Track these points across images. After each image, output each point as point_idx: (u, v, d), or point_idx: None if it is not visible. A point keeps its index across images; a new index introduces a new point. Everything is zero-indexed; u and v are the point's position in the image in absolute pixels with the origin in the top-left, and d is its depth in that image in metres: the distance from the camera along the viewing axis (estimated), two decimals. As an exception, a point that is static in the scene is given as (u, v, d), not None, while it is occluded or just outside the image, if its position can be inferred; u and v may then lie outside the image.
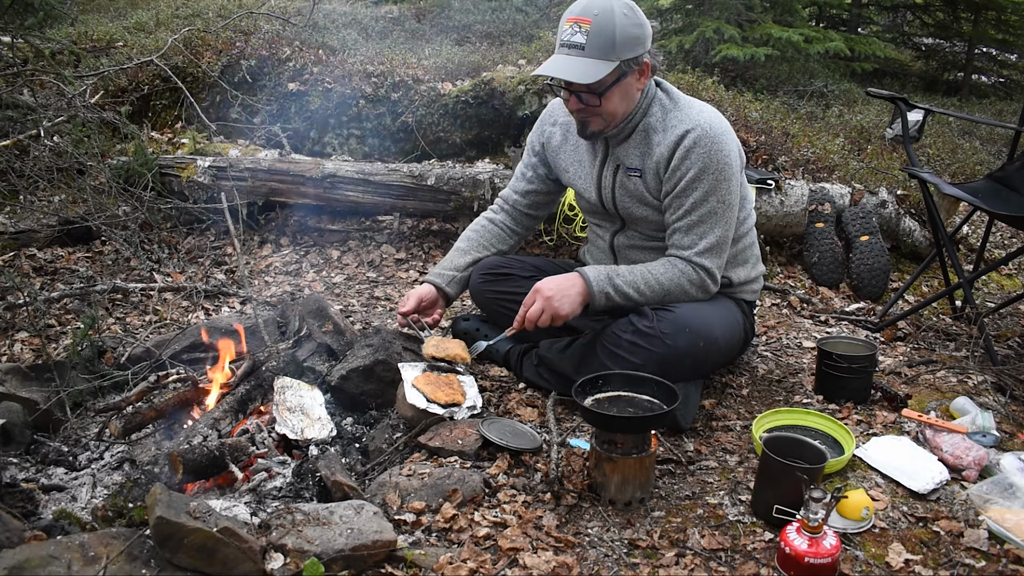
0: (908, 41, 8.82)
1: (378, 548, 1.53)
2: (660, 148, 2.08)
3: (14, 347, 2.62)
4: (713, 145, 2.02)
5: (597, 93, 1.99)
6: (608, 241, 2.33)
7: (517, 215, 2.48)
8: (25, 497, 1.77)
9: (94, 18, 5.72)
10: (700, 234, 2.08)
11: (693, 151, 2.02)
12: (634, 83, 2.04)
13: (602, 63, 1.94)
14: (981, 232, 3.62)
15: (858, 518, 1.70)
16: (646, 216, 2.18)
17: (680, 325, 2.03)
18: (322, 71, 4.26)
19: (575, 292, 2.07)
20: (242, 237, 3.46)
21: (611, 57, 1.95)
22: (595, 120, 2.08)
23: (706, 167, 2.02)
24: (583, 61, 1.95)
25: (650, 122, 2.11)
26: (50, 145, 3.49)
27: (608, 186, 2.20)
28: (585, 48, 1.94)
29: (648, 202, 2.15)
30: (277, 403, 2.06)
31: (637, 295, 2.09)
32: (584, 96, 2.02)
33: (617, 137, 2.14)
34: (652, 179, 2.12)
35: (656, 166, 2.09)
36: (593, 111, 2.05)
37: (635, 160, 2.13)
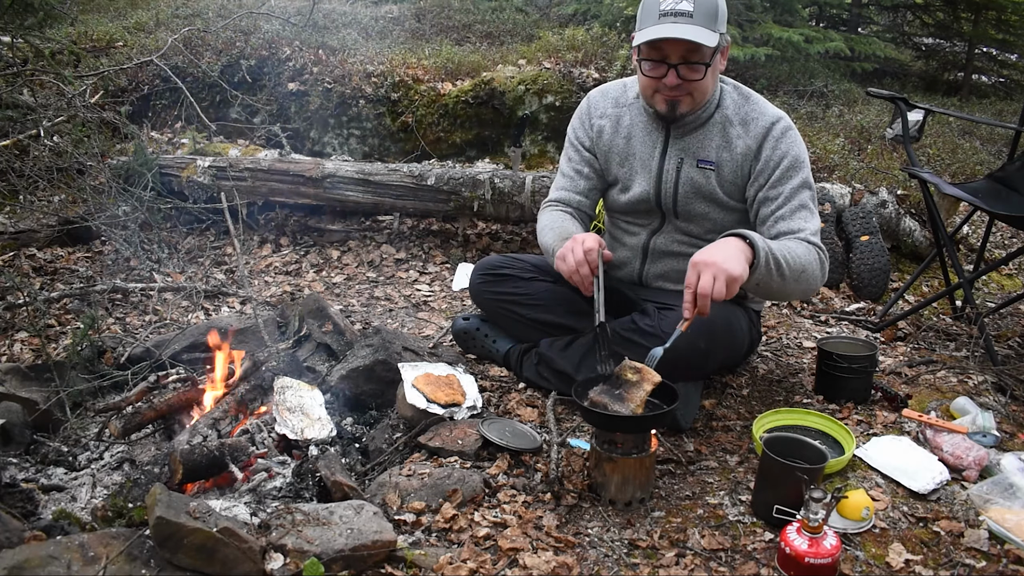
0: (908, 41, 8.82)
1: (378, 548, 1.53)
2: (742, 141, 2.04)
3: (14, 347, 2.62)
4: (796, 135, 2.04)
5: (705, 64, 1.92)
6: (644, 241, 2.23)
7: (582, 216, 2.30)
8: (25, 497, 1.77)
9: (94, 18, 5.72)
10: (805, 218, 2.01)
11: (783, 141, 2.01)
12: (719, 62, 2.00)
13: (710, 32, 1.88)
14: (981, 232, 3.62)
15: (858, 518, 1.70)
16: (706, 213, 2.10)
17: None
18: (322, 71, 4.26)
19: (738, 251, 1.78)
20: (242, 237, 3.46)
21: (714, 27, 1.90)
22: (686, 100, 2.00)
23: (799, 155, 2.02)
24: (696, 28, 1.86)
25: (727, 114, 2.06)
26: (50, 145, 3.49)
27: (671, 179, 2.11)
28: (693, 15, 1.86)
29: (716, 197, 2.08)
30: (277, 403, 2.06)
31: (785, 266, 1.86)
32: (685, 70, 1.93)
33: (688, 126, 2.08)
34: (730, 172, 2.06)
35: (741, 159, 2.05)
36: (689, 88, 1.96)
37: (710, 152, 2.07)
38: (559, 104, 3.98)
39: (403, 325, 2.85)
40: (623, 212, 2.29)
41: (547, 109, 3.96)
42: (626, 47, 4.50)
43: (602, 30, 5.08)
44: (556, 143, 4.06)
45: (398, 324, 2.86)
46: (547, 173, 3.47)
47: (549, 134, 4.05)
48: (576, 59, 4.24)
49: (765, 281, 1.87)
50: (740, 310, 2.22)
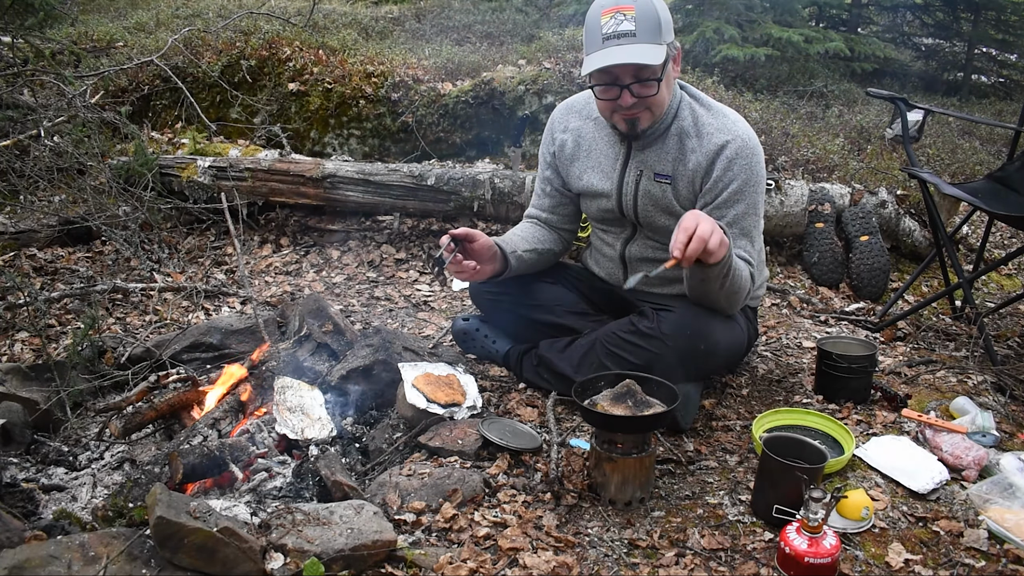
0: (908, 41, 8.82)
1: (378, 548, 1.53)
2: (696, 155, 2.01)
3: (14, 347, 2.62)
4: (752, 158, 1.98)
5: (657, 79, 1.91)
6: (619, 251, 2.26)
7: (555, 229, 2.37)
8: (25, 497, 1.77)
9: (94, 18, 5.72)
10: (743, 247, 2.02)
11: (735, 163, 1.97)
12: (672, 71, 1.98)
13: (656, 47, 1.86)
14: (981, 232, 3.62)
15: (858, 518, 1.70)
16: (666, 224, 2.08)
17: (681, 327, 2.02)
18: (322, 71, 4.26)
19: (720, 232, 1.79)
20: (242, 237, 3.46)
21: (659, 40, 1.87)
22: (645, 115, 1.98)
23: (747, 180, 1.98)
24: (640, 47, 1.84)
25: (683, 126, 2.04)
26: (50, 145, 3.49)
27: (630, 192, 2.11)
28: (636, 34, 1.84)
29: (673, 210, 2.07)
30: (277, 403, 2.06)
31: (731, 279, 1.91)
32: (638, 88, 1.91)
33: (648, 138, 2.06)
34: (684, 187, 2.05)
35: (692, 174, 2.03)
36: (646, 103, 1.95)
37: (666, 166, 2.05)
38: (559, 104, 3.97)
39: (403, 325, 2.85)
40: (597, 221, 2.31)
41: (547, 109, 3.96)
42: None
43: (602, 30, 5.06)
44: (556, 143, 4.06)
45: (398, 324, 2.86)
46: (547, 173, 3.46)
47: (549, 134, 4.05)
48: (576, 59, 4.23)
49: (711, 278, 1.90)
50: (744, 316, 2.22)
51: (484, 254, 2.11)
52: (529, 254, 2.27)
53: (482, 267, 2.11)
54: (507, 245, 2.21)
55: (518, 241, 2.27)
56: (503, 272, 2.22)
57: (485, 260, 2.13)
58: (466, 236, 2.06)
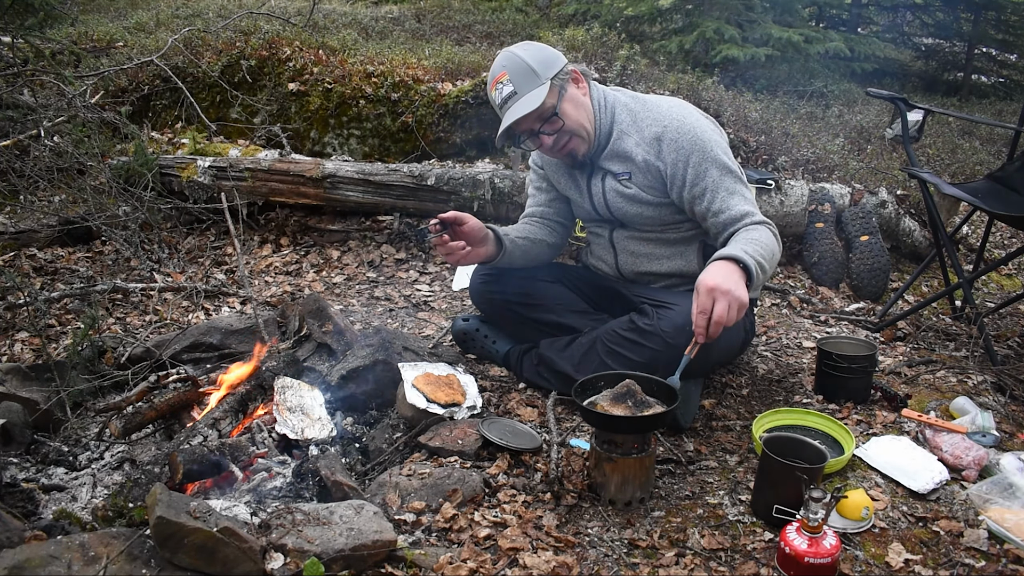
0: (908, 41, 8.82)
1: (378, 548, 1.53)
2: (639, 149, 2.11)
3: (14, 347, 2.62)
4: (693, 129, 2.07)
5: (553, 115, 2.06)
6: (608, 238, 2.33)
7: (550, 224, 2.43)
8: (25, 497, 1.77)
9: (94, 18, 5.72)
10: (738, 201, 2.05)
11: (678, 143, 2.06)
12: (576, 91, 2.10)
13: (536, 90, 2.02)
14: (981, 232, 3.62)
15: (858, 518, 1.70)
16: (641, 213, 2.19)
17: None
18: (322, 71, 4.26)
19: (737, 277, 1.81)
20: (242, 237, 3.46)
21: (538, 82, 2.03)
22: (573, 142, 2.11)
23: (699, 148, 2.05)
24: (523, 100, 2.02)
25: (621, 127, 2.15)
26: (50, 145, 3.49)
27: (599, 193, 2.22)
28: (517, 91, 2.03)
29: (642, 199, 2.16)
30: (277, 403, 2.06)
31: (767, 263, 1.93)
32: (546, 128, 2.07)
33: (599, 151, 2.18)
34: (642, 178, 2.14)
35: (644, 166, 2.11)
36: (564, 136, 2.09)
37: (619, 165, 2.16)
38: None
39: (403, 325, 2.85)
40: (584, 220, 2.42)
41: (547, 109, 3.96)
42: (626, 47, 4.51)
43: (602, 30, 5.08)
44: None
45: (398, 324, 2.86)
46: (547, 173, 3.47)
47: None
48: (576, 59, 4.24)
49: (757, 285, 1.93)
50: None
51: (475, 236, 2.17)
52: (523, 240, 2.34)
53: (473, 249, 2.17)
54: (500, 229, 2.28)
55: (510, 229, 2.35)
56: (497, 255, 2.26)
57: (476, 242, 2.18)
58: (455, 219, 2.13)
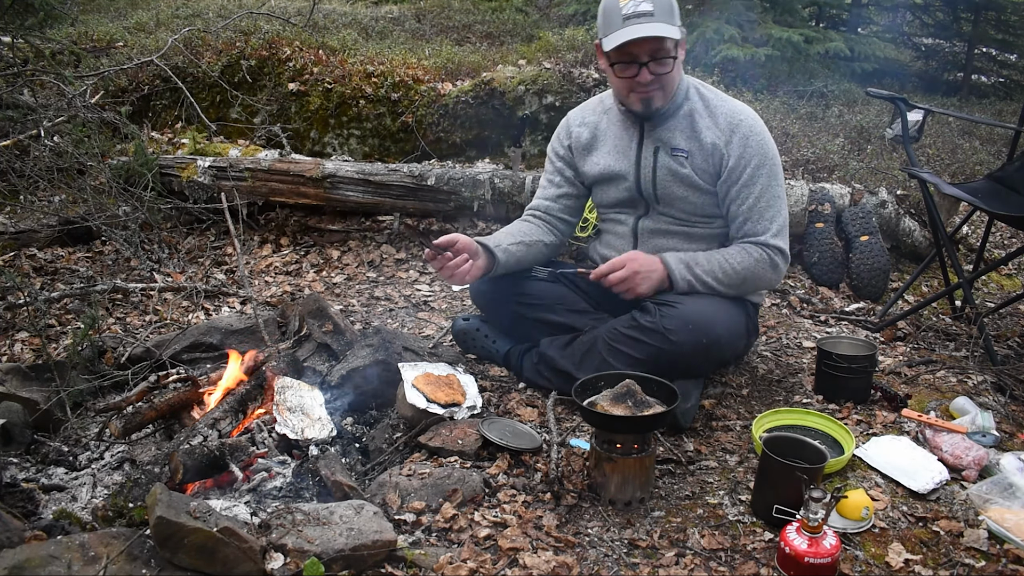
0: (908, 41, 8.82)
1: (378, 548, 1.53)
2: (710, 132, 2.15)
3: (14, 347, 2.62)
4: (764, 136, 2.16)
5: (672, 58, 2.06)
6: (632, 225, 2.32)
7: (552, 221, 2.43)
8: (25, 497, 1.77)
9: (94, 18, 5.72)
10: (770, 218, 2.15)
11: (750, 141, 2.13)
12: (680, 55, 2.11)
13: (672, 27, 2.02)
14: (981, 232, 3.62)
15: (858, 518, 1.70)
16: (685, 196, 2.20)
17: (683, 321, 2.03)
18: (322, 71, 4.26)
19: (656, 277, 2.12)
20: (242, 237, 3.46)
21: (675, 22, 2.03)
22: (658, 94, 2.11)
23: (764, 156, 2.14)
24: (659, 24, 1.99)
25: (693, 106, 2.18)
26: (50, 145, 3.49)
27: (648, 166, 2.21)
28: (655, 14, 1.99)
29: (693, 182, 2.17)
30: (277, 403, 2.06)
31: (716, 283, 2.12)
32: (655, 66, 2.05)
33: (660, 118, 2.18)
34: (702, 161, 2.16)
35: (711, 149, 2.15)
36: (660, 82, 2.08)
37: (681, 141, 2.17)
38: (559, 104, 3.98)
39: (403, 325, 2.85)
40: (610, 206, 2.38)
41: (547, 109, 3.96)
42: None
43: (602, 30, 5.07)
44: (556, 143, 4.06)
45: (398, 324, 2.86)
46: (547, 173, 3.47)
47: (549, 134, 4.03)
48: (576, 59, 4.24)
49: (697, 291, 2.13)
50: (739, 304, 2.23)
51: (469, 253, 2.17)
52: (516, 247, 2.32)
53: (474, 265, 2.18)
54: (490, 241, 2.27)
55: (502, 236, 2.33)
56: (491, 268, 2.25)
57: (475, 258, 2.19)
58: (445, 244, 2.15)
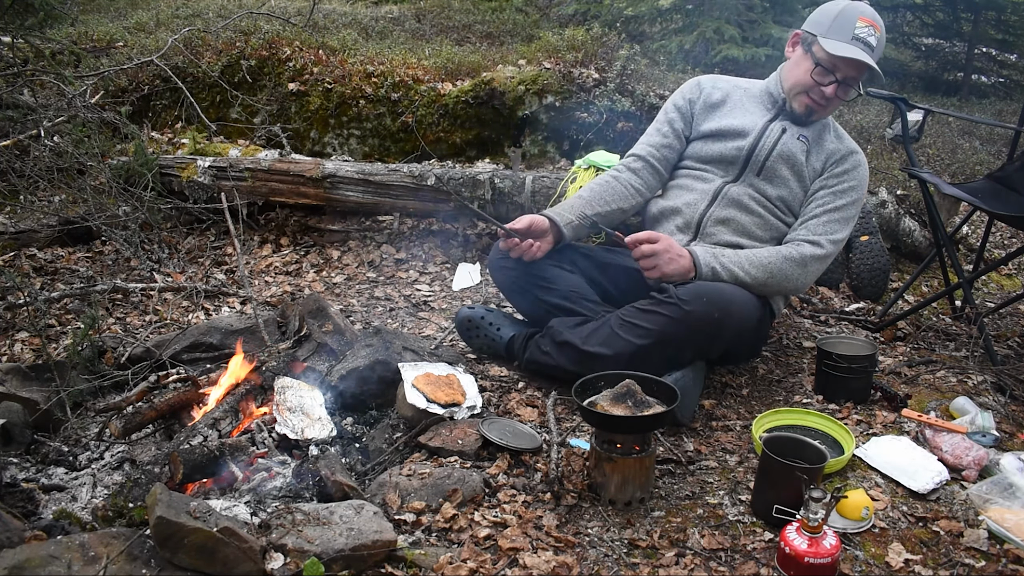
0: (908, 41, 8.82)
1: (378, 548, 1.53)
2: (834, 145, 2.38)
3: (14, 347, 2.62)
4: (867, 177, 2.40)
5: (857, 90, 2.32)
6: (718, 186, 2.39)
7: (648, 170, 2.50)
8: (25, 497, 1.77)
9: (94, 18, 5.72)
10: (834, 230, 2.31)
11: (859, 170, 2.37)
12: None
13: (875, 59, 2.23)
14: (981, 232, 3.62)
15: (858, 518, 1.70)
16: (787, 179, 2.35)
17: (698, 293, 2.07)
18: (322, 71, 4.26)
19: (684, 264, 2.17)
20: (242, 237, 3.46)
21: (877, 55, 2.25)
22: (823, 111, 2.35)
23: (862, 187, 2.37)
24: (872, 59, 2.22)
25: (826, 123, 2.42)
26: (50, 145, 3.49)
27: (772, 137, 2.35)
28: (875, 51, 2.23)
29: (800, 170, 2.34)
30: (277, 403, 2.06)
31: (741, 272, 2.19)
32: (843, 89, 2.28)
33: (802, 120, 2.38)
34: (816, 157, 2.36)
35: (827, 154, 2.36)
36: (834, 104, 2.33)
37: (808, 133, 2.37)
38: (559, 104, 3.98)
39: (403, 325, 2.85)
40: (705, 161, 2.46)
41: (547, 109, 3.96)
42: (627, 47, 4.50)
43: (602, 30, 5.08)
44: (556, 143, 4.06)
45: (398, 324, 2.86)
46: (547, 173, 3.46)
47: (549, 134, 4.05)
48: (576, 59, 4.24)
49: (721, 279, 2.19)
50: (760, 299, 2.25)
51: (538, 232, 2.32)
52: (587, 218, 2.39)
53: (540, 243, 2.32)
54: (559, 216, 2.35)
55: (579, 205, 2.41)
56: (559, 242, 2.38)
57: (540, 236, 2.33)
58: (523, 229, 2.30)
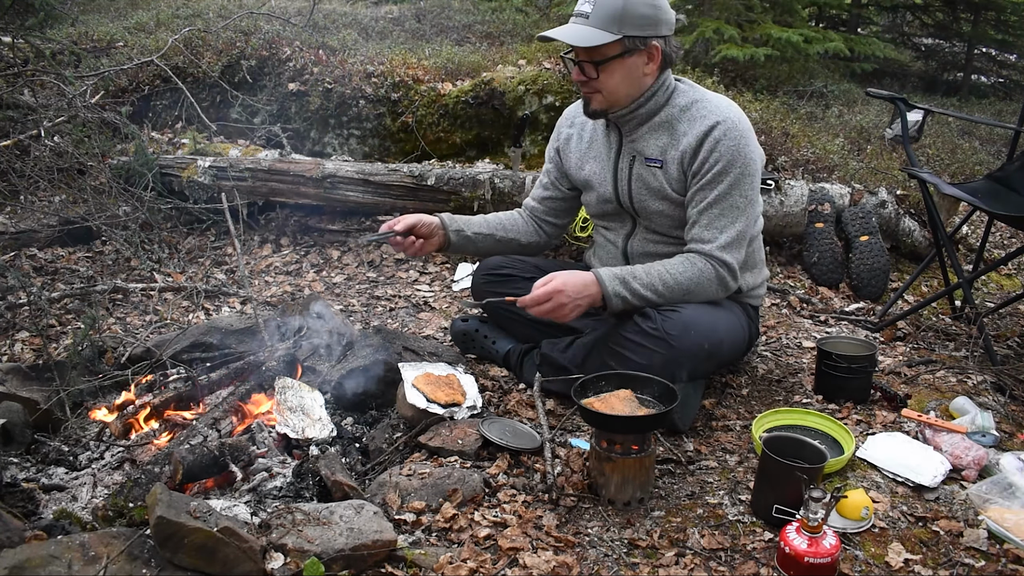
0: (908, 41, 8.82)
1: (378, 548, 1.54)
2: (687, 138, 2.05)
3: (15, 347, 2.62)
4: (741, 139, 2.01)
5: (595, 63, 2.00)
6: (621, 247, 2.28)
7: (538, 221, 2.44)
8: (25, 497, 1.77)
9: (94, 18, 5.72)
10: (721, 228, 2.04)
11: (721, 143, 2.00)
12: (640, 65, 2.03)
13: (603, 32, 1.96)
14: (981, 232, 3.62)
15: (858, 518, 1.70)
16: (662, 211, 2.14)
17: (685, 327, 2.02)
18: (322, 71, 4.26)
19: (587, 302, 2.01)
20: (242, 237, 3.46)
21: (613, 29, 1.95)
22: (596, 97, 2.07)
23: (733, 160, 2.01)
24: (585, 28, 1.97)
25: (673, 112, 2.09)
26: (50, 145, 3.49)
27: (624, 178, 2.16)
28: (590, 17, 1.97)
29: (667, 195, 2.11)
30: (277, 403, 2.06)
31: (655, 296, 2.04)
32: (585, 66, 2.03)
33: (630, 125, 2.13)
34: (675, 170, 2.08)
35: (681, 156, 2.06)
36: (593, 85, 2.05)
37: (655, 151, 2.11)
38: (559, 104, 3.98)
39: (403, 325, 2.85)
40: (598, 217, 2.36)
41: (547, 109, 3.96)
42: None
43: (602, 30, 5.06)
44: (556, 143, 4.06)
45: (398, 324, 2.86)
46: (547, 173, 3.47)
47: (549, 134, 4.02)
48: (576, 59, 4.23)
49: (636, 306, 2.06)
50: (738, 307, 2.22)
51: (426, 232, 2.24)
52: (483, 238, 2.34)
53: (425, 242, 2.25)
54: (452, 223, 2.29)
55: (478, 223, 2.35)
56: (444, 248, 2.31)
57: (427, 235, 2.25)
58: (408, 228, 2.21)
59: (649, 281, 2.04)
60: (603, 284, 2.02)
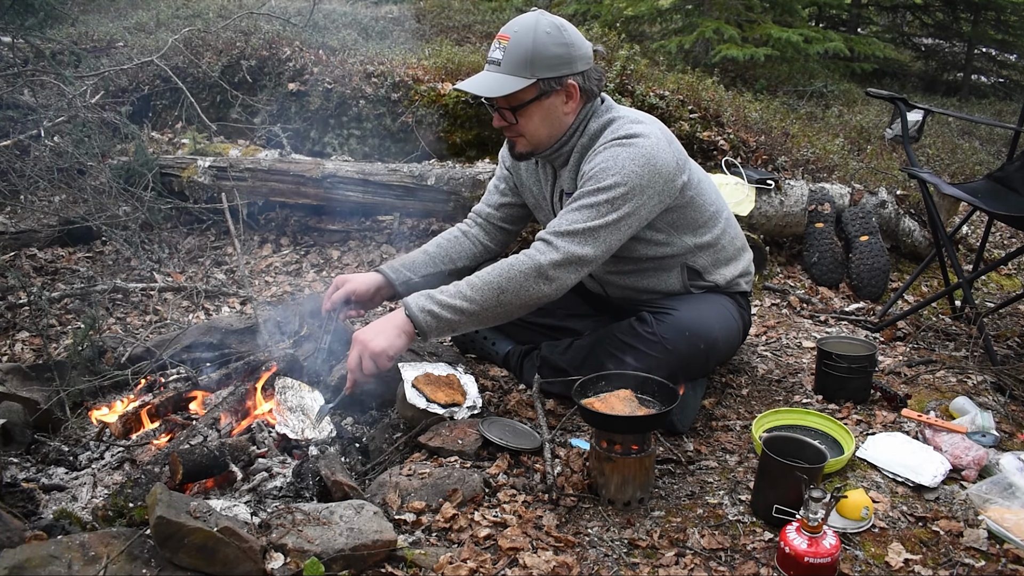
0: (908, 41, 8.83)
1: (378, 548, 1.54)
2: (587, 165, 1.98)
3: (15, 347, 2.62)
4: (637, 163, 1.89)
5: (512, 108, 1.96)
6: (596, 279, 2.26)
7: (491, 229, 2.37)
8: (25, 497, 1.77)
9: (94, 18, 5.72)
10: (571, 220, 1.89)
11: (605, 151, 1.93)
12: (559, 105, 1.97)
13: (515, 79, 1.91)
14: (981, 232, 3.62)
15: (858, 518, 1.70)
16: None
17: (680, 329, 2.02)
18: (322, 71, 4.26)
19: (391, 326, 1.88)
20: (242, 237, 3.46)
21: (525, 73, 1.91)
22: (520, 140, 2.05)
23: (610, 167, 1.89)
24: (497, 76, 1.93)
25: (583, 142, 2.02)
26: (50, 145, 3.49)
27: (559, 210, 2.07)
28: (501, 64, 1.93)
29: None
30: (277, 403, 2.06)
31: (466, 302, 1.88)
32: (503, 112, 1.99)
33: (558, 162, 2.10)
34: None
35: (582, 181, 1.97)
36: (514, 130, 2.02)
37: (571, 184, 2.07)
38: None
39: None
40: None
41: (547, 109, 3.96)
42: (626, 47, 4.51)
43: (602, 30, 5.08)
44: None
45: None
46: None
47: (549, 134, 4.05)
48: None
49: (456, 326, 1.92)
50: (726, 298, 2.21)
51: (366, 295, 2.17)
52: (432, 276, 2.25)
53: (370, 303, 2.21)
54: (398, 276, 2.20)
55: (423, 264, 2.26)
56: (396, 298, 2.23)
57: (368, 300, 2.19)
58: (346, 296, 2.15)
59: (457, 289, 1.90)
60: (407, 304, 1.90)
